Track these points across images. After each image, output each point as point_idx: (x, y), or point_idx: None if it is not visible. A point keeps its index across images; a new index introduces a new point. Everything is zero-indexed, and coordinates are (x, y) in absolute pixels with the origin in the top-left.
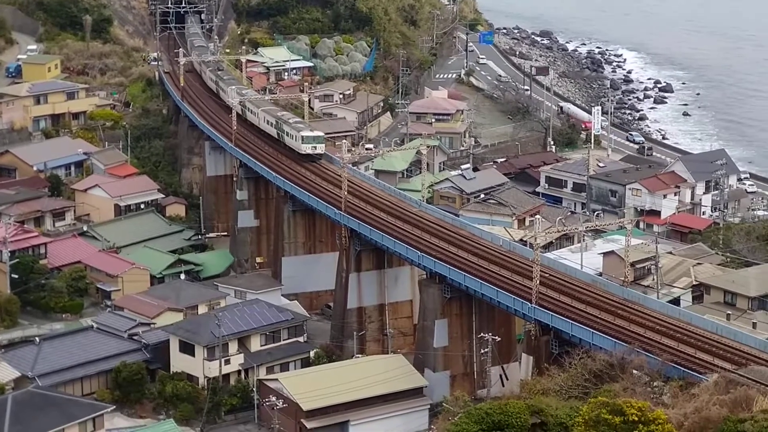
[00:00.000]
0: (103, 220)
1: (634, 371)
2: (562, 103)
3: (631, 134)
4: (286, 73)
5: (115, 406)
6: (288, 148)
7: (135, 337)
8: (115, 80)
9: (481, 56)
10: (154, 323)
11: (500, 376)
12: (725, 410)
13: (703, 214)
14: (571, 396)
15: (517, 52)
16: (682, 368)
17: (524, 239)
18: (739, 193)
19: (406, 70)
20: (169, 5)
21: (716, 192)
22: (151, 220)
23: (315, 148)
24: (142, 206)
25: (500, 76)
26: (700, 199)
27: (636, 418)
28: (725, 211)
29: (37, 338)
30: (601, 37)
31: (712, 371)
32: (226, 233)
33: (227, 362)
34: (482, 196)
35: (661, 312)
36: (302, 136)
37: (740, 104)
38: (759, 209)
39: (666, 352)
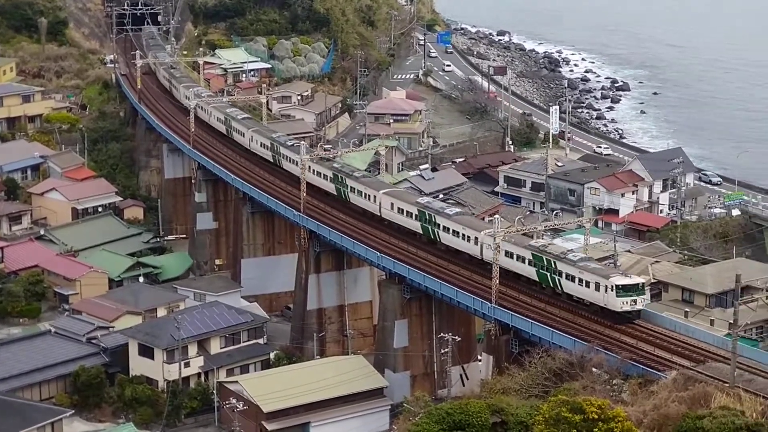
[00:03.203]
0: (60, 223)
1: (594, 369)
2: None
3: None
4: (244, 75)
5: (74, 411)
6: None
7: (93, 341)
8: (72, 83)
9: (446, 63)
10: (112, 327)
11: (460, 375)
12: (684, 407)
13: (661, 212)
14: (531, 395)
15: (475, 52)
16: (641, 366)
17: None
18: (696, 191)
19: (364, 71)
20: (126, 7)
21: (674, 190)
22: (109, 223)
23: (635, 302)
24: (100, 209)
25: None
26: (658, 198)
27: (596, 416)
28: (682, 209)
29: None
30: (557, 38)
31: (670, 369)
32: (184, 236)
33: (187, 365)
34: (441, 196)
35: None
36: (616, 286)
37: (696, 104)
38: (715, 207)
39: (625, 350)
